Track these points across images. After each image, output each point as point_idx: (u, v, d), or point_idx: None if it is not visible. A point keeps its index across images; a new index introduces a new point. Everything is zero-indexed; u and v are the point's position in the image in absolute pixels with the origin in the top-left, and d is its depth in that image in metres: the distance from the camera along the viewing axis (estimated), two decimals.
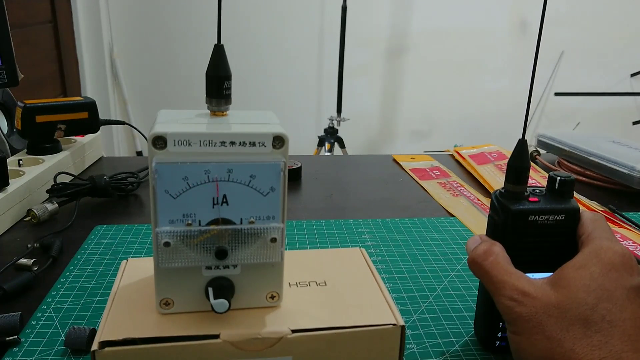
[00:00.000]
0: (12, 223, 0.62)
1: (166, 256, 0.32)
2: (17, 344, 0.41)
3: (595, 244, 0.36)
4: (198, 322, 0.33)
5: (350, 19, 2.20)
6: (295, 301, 0.36)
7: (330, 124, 2.28)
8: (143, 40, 2.34)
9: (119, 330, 0.32)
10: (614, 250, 0.35)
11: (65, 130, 0.75)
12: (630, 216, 0.68)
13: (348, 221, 0.66)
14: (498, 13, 2.43)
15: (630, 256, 0.35)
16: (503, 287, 0.35)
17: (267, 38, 2.37)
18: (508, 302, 0.34)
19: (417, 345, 0.42)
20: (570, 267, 0.35)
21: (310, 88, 2.49)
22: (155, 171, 0.31)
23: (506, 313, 0.34)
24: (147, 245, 0.59)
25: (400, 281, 0.52)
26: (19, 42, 1.65)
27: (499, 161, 0.87)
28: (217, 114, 0.34)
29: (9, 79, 0.73)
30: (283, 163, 0.32)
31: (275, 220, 0.33)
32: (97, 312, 0.46)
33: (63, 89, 2.04)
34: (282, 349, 0.32)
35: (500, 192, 0.39)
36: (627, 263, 0.34)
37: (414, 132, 2.62)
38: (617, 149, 0.82)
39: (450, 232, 0.63)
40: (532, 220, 0.38)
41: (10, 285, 0.48)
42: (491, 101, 2.55)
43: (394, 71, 2.50)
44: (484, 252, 0.37)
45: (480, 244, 0.38)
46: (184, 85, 2.37)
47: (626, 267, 0.34)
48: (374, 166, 0.89)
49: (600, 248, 0.35)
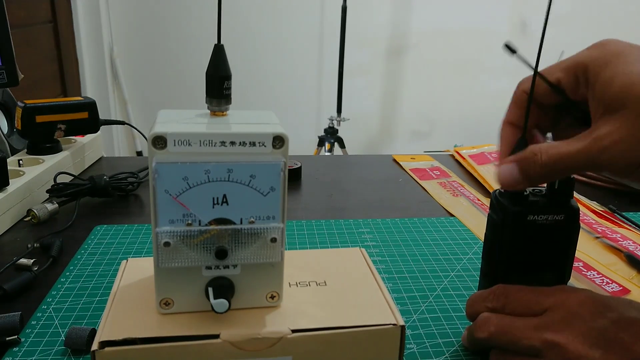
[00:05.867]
0: (12, 223, 0.62)
1: (166, 256, 0.32)
2: (17, 344, 0.41)
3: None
4: (198, 322, 0.33)
5: (350, 19, 2.20)
6: (295, 301, 0.36)
7: (330, 124, 2.28)
8: (143, 40, 2.34)
9: (119, 330, 0.32)
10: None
11: (65, 130, 0.75)
12: (630, 216, 0.68)
13: (348, 221, 0.66)
14: (498, 13, 2.43)
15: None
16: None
17: (267, 38, 2.37)
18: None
19: (417, 345, 0.42)
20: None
21: (310, 88, 2.48)
22: (155, 171, 0.31)
23: None
24: (147, 245, 0.59)
25: (400, 281, 0.52)
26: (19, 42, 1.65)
27: None
28: (217, 114, 0.34)
29: (9, 79, 0.73)
30: (283, 163, 0.32)
31: (275, 220, 0.33)
32: (97, 312, 0.46)
33: (63, 89, 2.04)
34: (282, 349, 0.32)
35: (499, 192, 0.39)
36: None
37: (414, 132, 2.62)
38: None
39: (450, 232, 0.63)
40: (531, 220, 0.38)
41: (10, 285, 0.48)
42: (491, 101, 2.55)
43: (394, 71, 2.50)
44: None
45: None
46: (184, 85, 2.37)
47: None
48: (374, 166, 0.89)
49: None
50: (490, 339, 0.37)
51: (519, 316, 0.37)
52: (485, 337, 0.37)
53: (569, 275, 0.41)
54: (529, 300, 0.37)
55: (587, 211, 0.69)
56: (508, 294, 0.38)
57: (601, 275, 0.53)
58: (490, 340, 0.37)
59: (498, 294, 0.38)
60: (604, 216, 0.68)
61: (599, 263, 0.56)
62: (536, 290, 0.37)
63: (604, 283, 0.52)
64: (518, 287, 0.38)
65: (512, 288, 0.38)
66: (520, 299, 0.37)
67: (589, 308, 0.34)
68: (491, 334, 0.37)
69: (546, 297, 0.36)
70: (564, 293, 0.36)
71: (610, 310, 0.34)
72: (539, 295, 0.37)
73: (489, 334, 0.37)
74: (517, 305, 0.37)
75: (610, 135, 0.32)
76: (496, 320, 0.37)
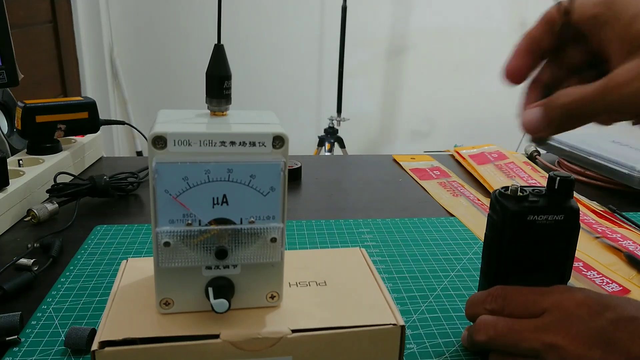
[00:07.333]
0: (12, 223, 0.62)
1: (166, 256, 0.32)
2: (17, 344, 0.41)
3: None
4: (198, 322, 0.33)
5: (350, 19, 2.20)
6: (295, 301, 0.36)
7: (330, 124, 2.28)
8: (143, 40, 2.34)
9: (119, 330, 0.32)
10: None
11: (65, 130, 0.75)
12: (630, 216, 0.68)
13: (348, 221, 0.66)
14: (498, 13, 2.43)
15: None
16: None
17: (267, 38, 2.37)
18: None
19: (417, 345, 0.42)
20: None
21: (310, 88, 2.48)
22: (155, 171, 0.31)
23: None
24: (147, 245, 0.59)
25: (400, 281, 0.52)
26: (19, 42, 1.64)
27: (499, 161, 0.87)
28: (217, 114, 0.34)
29: (9, 79, 0.73)
30: (283, 163, 0.32)
31: (275, 220, 0.33)
32: (97, 312, 0.46)
33: (63, 89, 2.04)
34: (282, 349, 0.32)
35: (499, 192, 0.39)
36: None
37: (414, 132, 2.62)
38: (617, 149, 0.82)
39: (450, 232, 0.63)
40: (531, 220, 0.38)
41: (10, 285, 0.48)
42: (491, 101, 2.55)
43: (394, 71, 2.50)
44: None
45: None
46: (184, 85, 2.37)
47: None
48: (374, 166, 0.89)
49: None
50: (489, 341, 0.37)
51: (517, 318, 0.37)
52: (484, 340, 0.37)
53: (569, 275, 0.41)
54: (527, 302, 0.37)
55: (587, 211, 0.69)
56: (506, 296, 0.38)
57: (601, 275, 0.53)
58: (490, 343, 0.37)
59: (496, 296, 0.38)
60: (604, 216, 0.68)
61: (599, 263, 0.56)
62: (534, 291, 0.37)
63: (604, 283, 0.52)
64: (516, 288, 0.38)
65: (510, 289, 0.38)
66: (519, 300, 0.37)
67: (587, 308, 0.34)
68: (490, 337, 0.37)
69: (544, 298, 0.36)
70: (562, 293, 0.36)
71: (608, 309, 0.34)
72: (537, 296, 0.37)
73: (488, 337, 0.37)
74: (516, 306, 0.37)
75: (627, 72, 0.31)
76: (495, 323, 0.37)
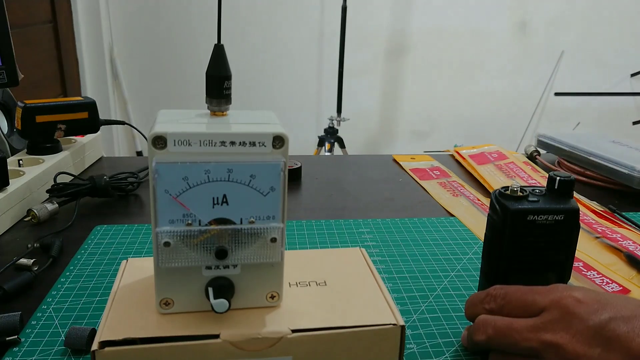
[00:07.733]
0: (12, 223, 0.62)
1: (166, 256, 0.32)
2: (17, 344, 0.41)
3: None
4: (198, 322, 0.33)
5: (350, 19, 2.20)
6: (295, 301, 0.36)
7: (330, 124, 2.27)
8: (143, 40, 2.34)
9: (119, 330, 0.32)
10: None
11: (65, 130, 0.75)
12: (630, 216, 0.68)
13: (348, 221, 0.66)
14: (498, 13, 2.43)
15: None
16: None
17: (267, 38, 2.37)
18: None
19: (417, 345, 0.42)
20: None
21: (310, 88, 2.48)
22: (155, 171, 0.31)
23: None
24: (147, 245, 0.59)
25: (400, 281, 0.52)
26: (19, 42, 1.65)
27: (499, 161, 0.87)
28: (217, 114, 0.34)
29: (9, 79, 0.73)
30: (283, 163, 0.32)
31: (275, 220, 0.33)
32: (97, 312, 0.46)
33: (63, 89, 2.04)
34: (282, 349, 0.32)
35: (499, 192, 0.39)
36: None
37: (414, 132, 2.62)
38: (617, 149, 0.82)
39: (450, 232, 0.63)
40: (531, 220, 0.38)
41: (10, 285, 0.48)
42: (491, 101, 2.55)
43: (394, 71, 2.50)
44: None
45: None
46: (184, 85, 2.37)
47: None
48: (374, 166, 0.89)
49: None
50: (489, 341, 0.37)
51: (516, 317, 0.37)
52: (483, 340, 0.37)
53: (569, 275, 0.41)
54: (525, 301, 0.37)
55: (587, 211, 0.69)
56: (505, 295, 0.38)
57: (601, 275, 0.53)
58: (489, 343, 0.37)
59: (495, 296, 0.39)
60: (604, 216, 0.68)
61: (599, 263, 0.56)
62: (533, 290, 0.37)
63: (604, 283, 0.52)
64: (515, 287, 0.38)
65: (509, 289, 0.38)
66: (517, 299, 0.37)
67: (585, 306, 0.34)
68: (489, 336, 0.37)
69: (543, 297, 0.36)
70: (560, 292, 0.36)
71: (607, 307, 0.34)
72: (536, 295, 0.37)
73: (487, 337, 0.37)
74: (515, 306, 0.37)
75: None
76: (494, 323, 0.37)
